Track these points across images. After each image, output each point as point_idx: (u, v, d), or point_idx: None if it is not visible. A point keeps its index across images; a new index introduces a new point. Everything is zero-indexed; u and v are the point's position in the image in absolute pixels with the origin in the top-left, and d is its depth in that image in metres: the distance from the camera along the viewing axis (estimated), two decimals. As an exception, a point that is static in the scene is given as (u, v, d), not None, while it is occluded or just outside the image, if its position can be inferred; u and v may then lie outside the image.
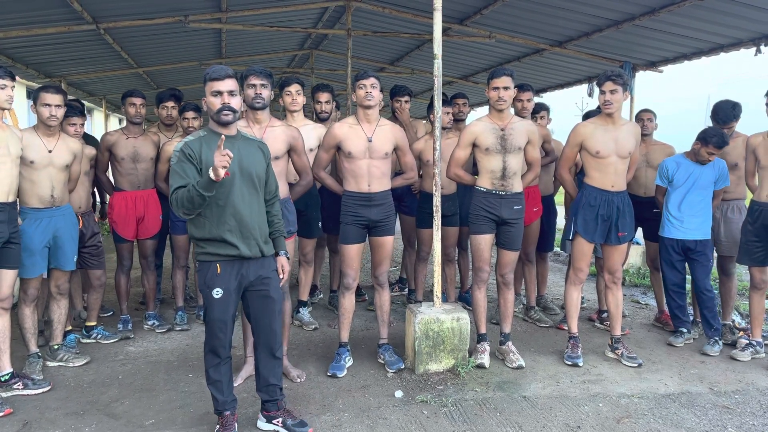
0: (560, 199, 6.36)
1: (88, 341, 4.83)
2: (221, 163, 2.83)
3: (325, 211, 5.16)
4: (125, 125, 5.15)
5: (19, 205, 3.98)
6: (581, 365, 4.38)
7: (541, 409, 3.71)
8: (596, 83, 4.43)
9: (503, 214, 4.32)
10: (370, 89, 4.09)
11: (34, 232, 4.05)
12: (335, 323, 5.12)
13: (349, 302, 4.31)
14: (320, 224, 5.13)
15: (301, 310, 5.34)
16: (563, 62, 8.73)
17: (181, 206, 2.99)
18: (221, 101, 3.07)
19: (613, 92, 4.23)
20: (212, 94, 3.08)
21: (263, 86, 3.74)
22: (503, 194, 4.31)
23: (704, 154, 4.65)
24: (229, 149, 2.97)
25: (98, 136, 6.96)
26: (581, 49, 7.82)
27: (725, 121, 4.91)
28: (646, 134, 5.27)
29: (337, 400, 3.80)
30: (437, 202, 4.31)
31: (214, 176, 2.85)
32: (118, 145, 5.00)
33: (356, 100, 4.17)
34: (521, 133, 4.31)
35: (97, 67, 9.48)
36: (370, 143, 4.13)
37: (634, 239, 5.47)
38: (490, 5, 6.72)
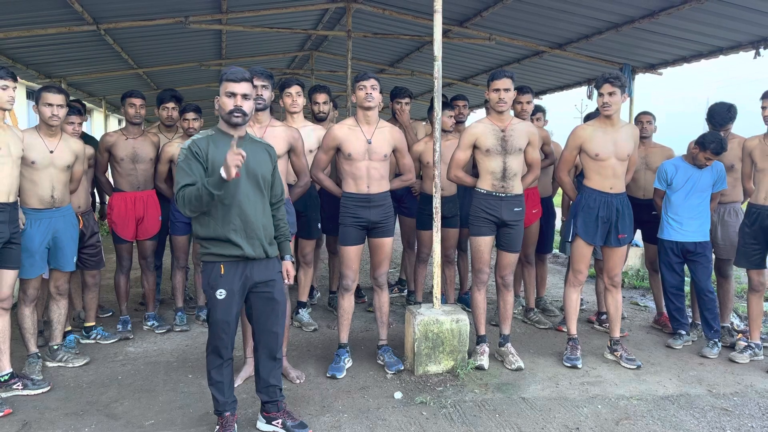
0: (558, 201, 6.37)
1: (87, 342, 4.84)
2: (234, 162, 2.83)
3: (324, 212, 5.17)
4: (125, 126, 5.16)
5: (21, 205, 3.99)
6: (580, 367, 4.39)
7: (540, 410, 3.71)
8: (595, 86, 4.44)
9: (503, 215, 4.33)
10: (370, 91, 4.10)
11: (34, 232, 4.05)
12: (334, 324, 5.12)
13: (348, 303, 4.32)
14: (319, 225, 5.14)
15: (300, 311, 5.34)
16: (563, 64, 8.74)
17: (188, 204, 2.99)
18: (234, 103, 3.08)
19: (611, 94, 4.24)
20: (226, 94, 3.09)
21: (264, 87, 3.76)
22: (503, 196, 4.32)
23: (702, 159, 4.65)
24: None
25: (98, 136, 6.95)
26: (581, 51, 7.83)
27: (721, 123, 4.91)
28: (645, 137, 5.28)
29: (336, 401, 3.81)
30: (437, 203, 4.32)
31: (225, 175, 2.85)
32: (117, 145, 5.01)
33: (356, 101, 4.17)
34: (521, 134, 4.32)
35: (97, 67, 9.49)
36: (369, 145, 4.14)
37: (633, 241, 5.47)
38: (490, 7, 6.73)
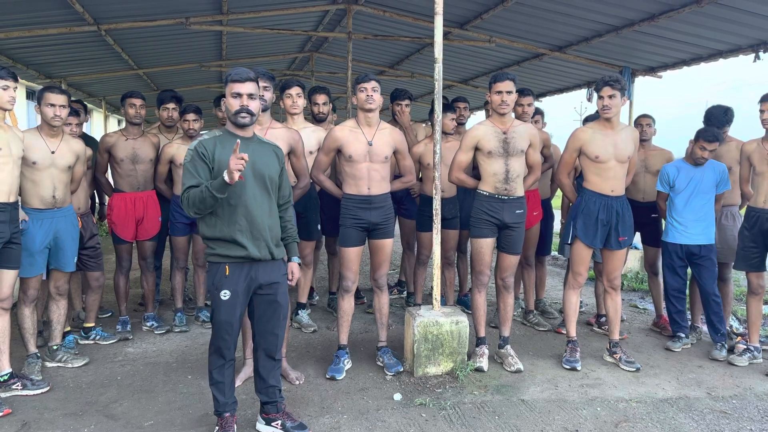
0: (557, 203, 6.37)
1: (86, 342, 4.83)
2: (236, 166, 2.84)
3: (324, 213, 5.17)
4: (124, 126, 5.16)
5: (22, 205, 3.99)
6: (579, 369, 4.40)
7: (539, 412, 3.71)
8: (594, 88, 4.45)
9: (505, 218, 4.33)
10: (371, 93, 4.10)
11: (35, 232, 4.05)
12: (334, 326, 5.12)
13: (348, 305, 4.32)
14: (319, 227, 5.15)
15: (299, 312, 5.34)
16: (563, 67, 8.76)
17: (192, 206, 3.00)
18: (240, 103, 3.08)
19: (611, 97, 4.25)
20: (232, 95, 3.09)
21: (265, 88, 3.76)
22: (506, 198, 4.32)
23: (697, 151, 4.67)
24: (243, 150, 2.98)
25: (97, 137, 6.95)
26: (581, 54, 7.85)
27: (718, 126, 4.94)
28: (645, 139, 5.28)
29: (335, 402, 3.81)
30: (437, 205, 4.33)
31: (228, 179, 2.86)
32: (117, 146, 5.01)
33: (357, 103, 4.17)
34: (523, 136, 4.33)
35: (97, 68, 9.49)
36: (370, 147, 4.14)
37: (632, 244, 5.48)
38: (490, 10, 6.74)
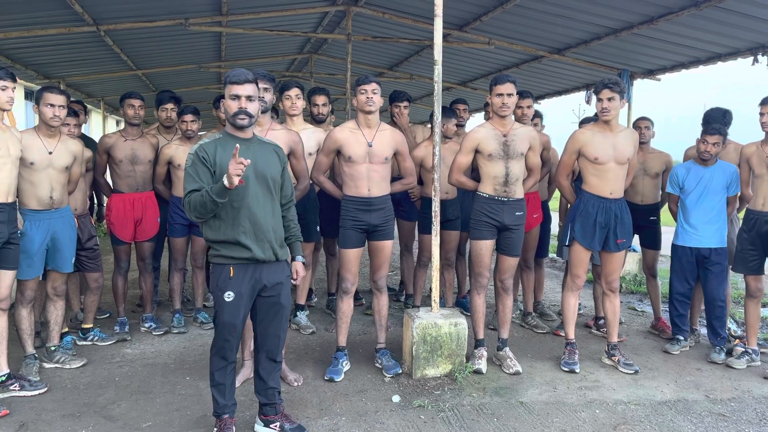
0: (555, 205, 6.38)
1: (84, 343, 4.82)
2: (235, 171, 2.83)
3: (323, 214, 5.17)
4: (123, 127, 5.16)
5: (19, 206, 3.98)
6: (578, 371, 4.40)
7: (537, 415, 3.71)
8: (593, 91, 4.46)
9: (505, 220, 4.33)
10: (371, 95, 4.10)
11: (34, 234, 4.04)
12: (333, 327, 5.12)
13: (347, 306, 4.31)
14: (318, 228, 5.14)
15: (298, 313, 5.33)
16: (561, 69, 8.77)
17: (194, 210, 3.00)
18: (238, 105, 3.07)
19: (610, 99, 4.25)
20: (231, 97, 3.08)
21: (265, 90, 3.76)
22: (505, 200, 4.32)
23: (700, 145, 4.68)
24: (244, 153, 2.97)
25: (96, 137, 6.95)
26: (579, 56, 7.86)
27: None
28: (643, 142, 5.28)
29: (334, 404, 3.81)
30: (436, 207, 4.33)
31: (227, 184, 2.85)
32: (116, 147, 5.00)
33: (357, 105, 4.17)
34: (523, 139, 4.33)
35: (96, 68, 9.48)
36: (370, 148, 4.14)
37: (631, 246, 5.48)
38: (489, 12, 6.76)
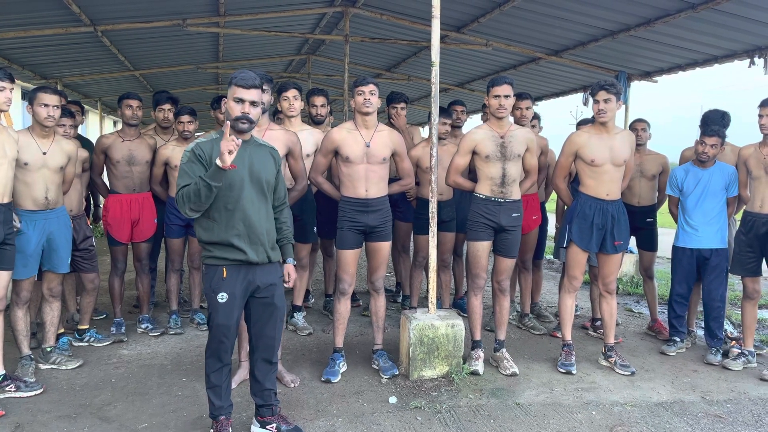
0: (551, 206, 6.38)
1: (80, 344, 4.81)
2: (227, 147, 2.81)
3: (320, 215, 5.17)
4: (121, 128, 5.15)
5: (15, 206, 3.97)
6: (575, 373, 4.40)
7: (534, 416, 3.71)
8: (590, 93, 4.46)
9: (502, 221, 4.34)
10: (368, 96, 4.10)
11: (30, 235, 4.03)
12: (329, 328, 5.11)
13: (344, 307, 4.31)
14: (315, 229, 5.14)
15: (295, 314, 5.33)
16: (559, 71, 8.79)
17: (187, 201, 2.96)
18: (242, 109, 3.06)
19: (606, 101, 4.26)
20: (234, 99, 3.07)
21: (264, 91, 3.75)
22: (502, 201, 4.33)
23: (699, 147, 4.70)
24: (240, 154, 2.97)
25: (93, 138, 6.93)
26: (577, 58, 7.88)
27: None
28: (640, 144, 5.28)
29: (331, 405, 3.80)
30: (433, 208, 4.33)
31: (221, 163, 2.83)
32: (113, 147, 4.99)
33: (354, 106, 4.17)
34: (520, 140, 4.34)
35: (93, 69, 9.48)
36: (368, 148, 4.14)
37: (627, 248, 5.48)
38: (487, 14, 6.77)
